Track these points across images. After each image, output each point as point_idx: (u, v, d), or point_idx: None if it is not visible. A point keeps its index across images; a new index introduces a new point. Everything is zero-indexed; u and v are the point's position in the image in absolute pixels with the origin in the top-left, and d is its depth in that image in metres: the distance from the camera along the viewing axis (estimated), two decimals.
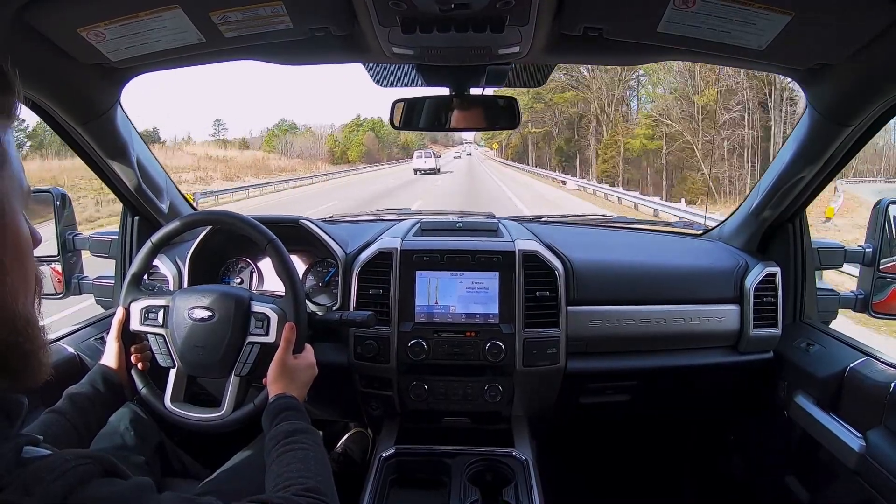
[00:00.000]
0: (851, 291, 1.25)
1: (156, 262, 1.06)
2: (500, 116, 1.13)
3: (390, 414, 1.24)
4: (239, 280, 1.32)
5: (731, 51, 0.83)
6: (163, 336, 0.94)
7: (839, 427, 0.98)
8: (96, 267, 1.37)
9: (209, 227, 1.21)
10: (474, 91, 1.11)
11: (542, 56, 0.97)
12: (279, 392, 0.85)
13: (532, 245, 1.20)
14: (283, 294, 0.95)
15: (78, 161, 1.17)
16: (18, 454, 0.41)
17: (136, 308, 0.95)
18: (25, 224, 0.46)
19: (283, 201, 15.78)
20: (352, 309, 1.18)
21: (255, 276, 1.33)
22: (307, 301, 1.15)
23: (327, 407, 1.40)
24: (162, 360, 0.94)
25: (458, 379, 1.19)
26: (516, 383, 1.18)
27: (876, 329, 3.89)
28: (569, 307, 1.18)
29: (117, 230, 1.35)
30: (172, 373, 0.94)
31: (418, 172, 25.18)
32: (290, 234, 1.18)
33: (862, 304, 1.21)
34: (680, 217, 8.83)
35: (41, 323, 0.47)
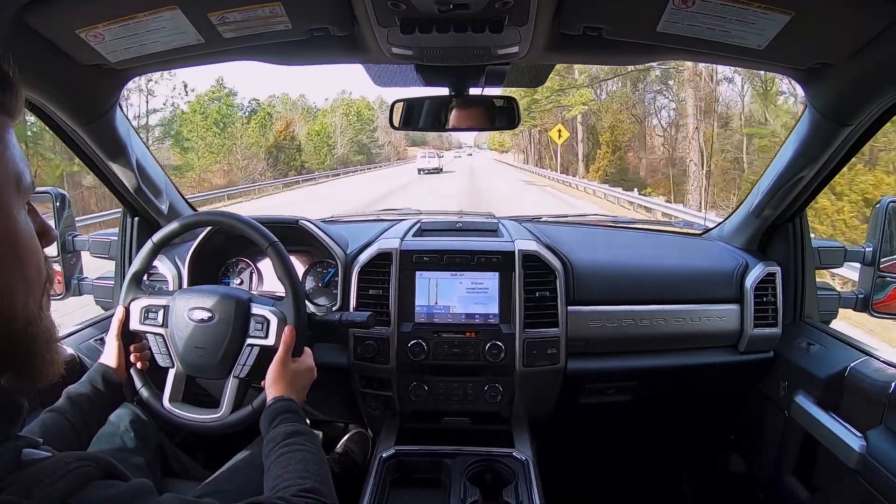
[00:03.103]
0: (852, 291, 1.25)
1: (155, 262, 1.06)
2: (499, 116, 1.13)
3: (390, 414, 1.24)
4: (238, 281, 1.32)
5: (730, 50, 0.83)
6: (162, 336, 0.94)
7: (839, 427, 0.98)
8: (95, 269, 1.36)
9: (209, 228, 1.21)
10: (474, 91, 1.11)
11: (542, 56, 0.97)
12: (277, 395, 0.85)
13: (532, 245, 1.20)
14: (283, 295, 0.95)
15: None
16: (18, 456, 0.41)
17: (136, 307, 0.95)
18: (23, 221, 0.44)
19: None
20: (351, 309, 1.18)
21: (254, 276, 1.33)
22: (307, 301, 1.15)
23: (327, 407, 1.40)
24: (161, 360, 0.94)
25: (458, 379, 1.19)
26: (516, 384, 1.18)
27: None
28: (569, 307, 1.18)
29: (116, 231, 1.35)
30: (171, 373, 0.95)
31: (422, 172, 25.21)
32: (290, 235, 1.18)
33: (862, 303, 1.21)
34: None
35: (47, 323, 0.46)
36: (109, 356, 0.93)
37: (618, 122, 20.50)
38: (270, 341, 0.91)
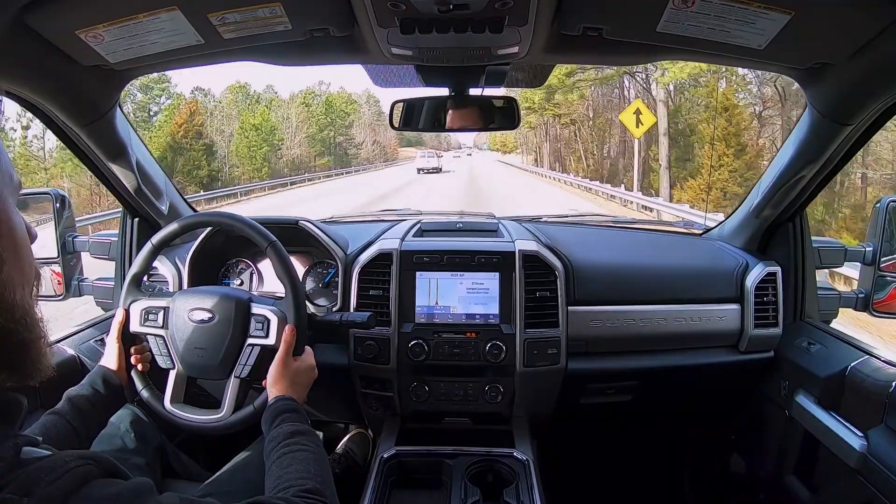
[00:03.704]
0: (852, 291, 1.25)
1: (155, 263, 1.06)
2: (499, 116, 1.13)
3: (391, 415, 1.24)
4: (239, 281, 1.32)
5: (730, 50, 0.83)
6: (163, 337, 0.94)
7: (840, 426, 0.98)
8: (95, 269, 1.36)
9: (209, 229, 1.21)
10: (474, 91, 1.11)
11: (542, 56, 0.97)
12: (279, 394, 0.85)
13: (532, 245, 1.20)
14: (283, 296, 0.95)
15: None
16: (18, 454, 0.41)
17: (136, 309, 0.95)
18: (19, 216, 0.46)
19: None
20: (352, 310, 1.18)
21: (254, 277, 1.33)
22: (307, 302, 1.15)
23: (328, 408, 1.40)
24: (162, 362, 0.94)
25: (458, 380, 1.19)
26: (517, 384, 1.18)
27: None
28: (569, 307, 1.18)
29: (117, 232, 1.35)
30: (172, 374, 0.94)
31: (421, 171, 25.84)
32: (290, 236, 1.18)
33: (862, 303, 1.21)
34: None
35: (39, 316, 0.47)
36: (110, 358, 0.93)
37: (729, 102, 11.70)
38: (271, 341, 0.91)
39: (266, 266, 1.31)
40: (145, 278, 1.03)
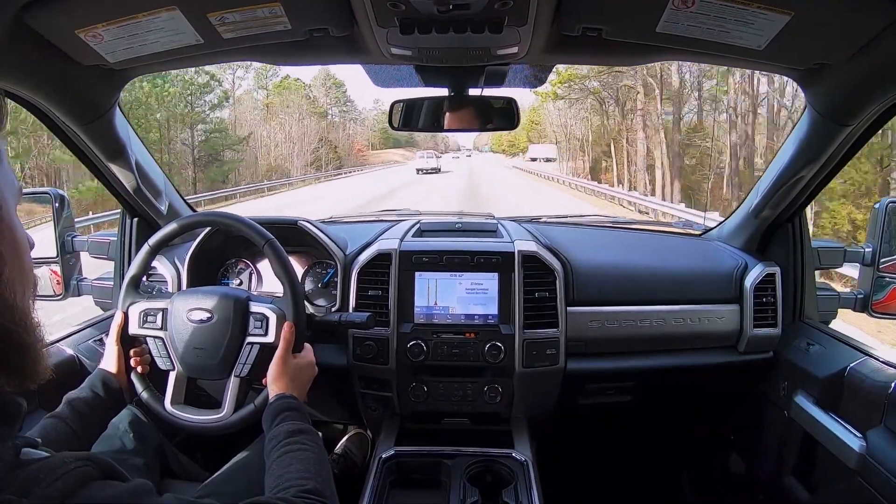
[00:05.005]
0: (851, 291, 1.25)
1: (155, 263, 1.06)
2: (498, 117, 1.13)
3: (389, 415, 1.24)
4: (238, 281, 1.32)
5: (730, 51, 0.83)
6: (162, 339, 0.94)
7: (839, 427, 0.98)
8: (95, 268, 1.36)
9: (208, 229, 1.21)
10: (473, 92, 1.11)
11: (542, 57, 0.97)
12: (279, 392, 0.85)
13: (531, 246, 1.20)
14: (282, 294, 0.95)
15: None
16: (17, 456, 0.41)
17: (135, 311, 0.95)
18: (18, 221, 0.47)
19: None
20: (351, 310, 1.18)
21: (253, 277, 1.33)
22: (306, 302, 1.15)
23: (326, 408, 1.40)
24: (161, 363, 0.94)
25: (457, 380, 1.19)
26: (516, 384, 1.18)
27: None
28: (568, 308, 1.18)
29: (116, 232, 1.35)
30: (172, 375, 0.94)
31: (421, 172, 26.98)
32: (289, 236, 1.18)
33: (861, 303, 1.21)
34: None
35: (37, 321, 0.47)
36: (109, 361, 0.93)
37: None
38: (270, 338, 0.91)
39: (265, 266, 1.31)
40: (144, 279, 1.03)
